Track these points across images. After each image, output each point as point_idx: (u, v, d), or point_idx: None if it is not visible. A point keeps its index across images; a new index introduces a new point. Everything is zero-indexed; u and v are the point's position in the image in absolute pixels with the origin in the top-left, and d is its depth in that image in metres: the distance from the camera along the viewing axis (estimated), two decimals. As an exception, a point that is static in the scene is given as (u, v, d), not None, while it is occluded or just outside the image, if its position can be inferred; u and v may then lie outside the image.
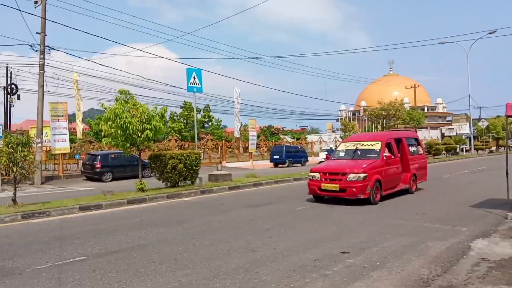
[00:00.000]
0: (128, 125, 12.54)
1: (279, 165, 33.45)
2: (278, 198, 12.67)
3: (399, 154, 12.46)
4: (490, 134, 60.84)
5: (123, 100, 13.22)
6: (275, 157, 33.84)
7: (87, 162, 22.13)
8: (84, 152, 26.05)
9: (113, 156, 21.83)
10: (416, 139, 14.65)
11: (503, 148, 57.92)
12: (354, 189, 10.35)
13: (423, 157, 14.61)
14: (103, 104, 13.37)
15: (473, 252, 5.97)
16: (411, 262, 5.56)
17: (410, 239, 6.84)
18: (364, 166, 10.78)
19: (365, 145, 12.07)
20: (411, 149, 13.46)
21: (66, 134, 22.48)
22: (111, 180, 21.07)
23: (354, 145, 12.36)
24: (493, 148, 60.43)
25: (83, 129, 27.20)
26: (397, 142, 12.77)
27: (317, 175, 11.28)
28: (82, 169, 23.07)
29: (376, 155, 11.46)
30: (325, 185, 10.97)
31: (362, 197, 10.36)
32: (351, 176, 10.49)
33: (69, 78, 23.47)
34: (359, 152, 11.98)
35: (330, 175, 11.04)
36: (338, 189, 10.66)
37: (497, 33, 43.16)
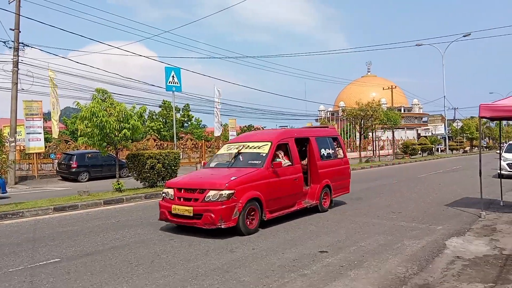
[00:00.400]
0: (105, 124, 12.32)
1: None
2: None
3: (301, 160, 9.33)
4: (464, 134, 62.48)
5: (100, 99, 12.99)
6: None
7: (62, 162, 21.64)
8: (59, 152, 25.47)
9: (89, 155, 21.40)
10: (336, 139, 11.13)
11: (476, 148, 59.56)
12: (212, 215, 6.96)
13: (343, 162, 10.98)
14: (78, 103, 13.10)
15: (448, 251, 6.09)
16: (388, 260, 5.63)
17: (387, 238, 6.93)
18: (232, 178, 7.45)
19: (250, 148, 8.80)
20: (325, 152, 10.11)
21: (40, 133, 21.92)
22: (88, 180, 20.65)
23: (237, 147, 8.98)
24: (467, 148, 62.04)
25: (59, 128, 26.61)
26: (301, 143, 9.82)
27: (171, 191, 7.84)
28: (57, 169, 22.54)
29: (260, 162, 8.20)
30: (176, 208, 7.47)
31: (223, 226, 6.99)
32: (211, 194, 7.17)
33: (44, 75, 22.87)
34: (241, 157, 8.69)
35: (185, 192, 7.63)
36: (192, 214, 7.22)
37: (471, 36, 44.20)
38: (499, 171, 12.54)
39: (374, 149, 43.73)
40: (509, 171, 16.95)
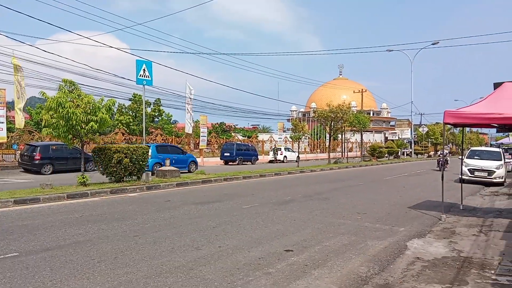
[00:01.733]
0: (72, 115, 11.97)
1: (230, 163, 33.43)
2: (226, 195, 12.62)
3: None
4: (429, 139, 64.55)
5: (67, 89, 12.61)
6: (225, 154, 33.78)
7: (25, 153, 20.89)
8: (22, 143, 24.57)
9: (54, 147, 20.74)
10: None
11: (440, 153, 61.56)
12: None
13: None
14: (44, 93, 12.67)
15: (409, 252, 6.27)
16: (351, 260, 5.74)
17: (351, 238, 7.06)
18: None
19: None
20: None
21: (3, 122, 21.06)
22: (51, 173, 20.02)
23: None
24: (432, 153, 64.11)
25: (24, 118, 25.63)
26: None
27: None
28: (19, 160, 21.74)
29: None
30: None
31: None
32: None
33: (8, 63, 22.00)
34: None
35: None
36: None
37: (439, 44, 45.75)
38: (460, 176, 13.01)
39: (343, 150, 44.54)
40: (470, 176, 17.64)
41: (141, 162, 14.66)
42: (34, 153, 20.04)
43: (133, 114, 52.03)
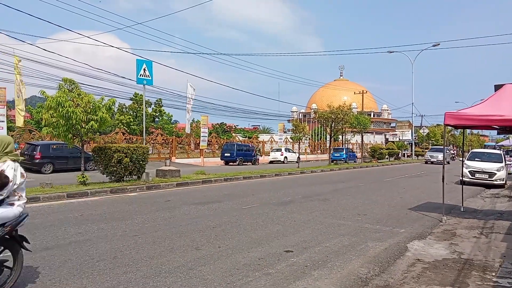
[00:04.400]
0: (72, 114, 11.97)
1: (230, 163, 33.41)
2: (226, 196, 12.60)
3: None
4: (430, 141, 64.52)
5: (67, 89, 12.61)
6: (226, 154, 33.77)
7: (25, 152, 20.86)
8: (23, 142, 24.57)
9: (54, 146, 20.74)
10: None
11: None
12: None
13: None
14: (44, 92, 12.66)
15: (409, 253, 6.24)
16: (352, 261, 5.71)
17: (352, 239, 7.04)
18: None
19: None
20: None
21: (3, 121, 21.03)
22: (52, 172, 20.01)
23: None
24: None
25: (24, 117, 25.66)
26: None
27: None
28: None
29: None
30: None
31: None
32: None
33: (10, 62, 22.02)
34: None
35: None
36: None
37: (440, 46, 45.77)
38: (461, 178, 12.98)
39: (344, 151, 44.38)
40: (470, 178, 17.60)
41: (141, 162, 14.65)
42: (35, 152, 20.03)
43: (134, 114, 52.09)
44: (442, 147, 30.32)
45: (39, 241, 6.48)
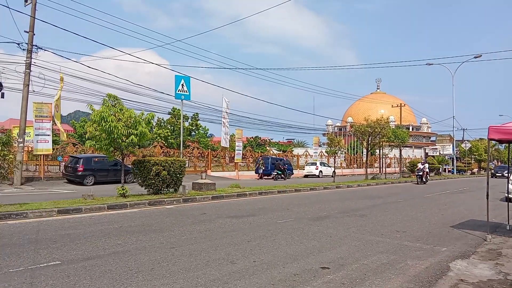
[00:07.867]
0: (113, 129, 12.41)
1: (264, 177, 33.41)
2: (261, 210, 12.60)
3: None
4: (472, 156, 61.97)
5: (110, 104, 13.12)
6: (260, 168, 33.80)
7: (69, 165, 21.79)
8: (66, 154, 25.65)
9: (96, 159, 21.54)
10: None
11: (484, 170, 58.97)
12: None
13: None
14: (91, 106, 13.22)
15: (452, 273, 5.98)
16: (391, 280, 5.54)
17: (390, 257, 6.84)
18: None
19: None
20: None
21: (49, 135, 22.14)
22: (93, 184, 20.75)
23: None
24: (475, 170, 61.47)
25: (66, 130, 26.81)
26: None
27: None
28: (63, 171, 22.70)
29: None
30: None
31: None
32: None
33: (56, 78, 23.17)
34: None
35: None
36: None
37: (482, 58, 44.26)
38: (506, 195, 12.38)
39: (381, 166, 43.47)
40: (516, 195, 16.72)
41: (178, 175, 14.92)
42: (77, 165, 20.86)
43: (171, 128, 53.31)
44: (507, 165, 30.39)
45: (81, 251, 6.70)
